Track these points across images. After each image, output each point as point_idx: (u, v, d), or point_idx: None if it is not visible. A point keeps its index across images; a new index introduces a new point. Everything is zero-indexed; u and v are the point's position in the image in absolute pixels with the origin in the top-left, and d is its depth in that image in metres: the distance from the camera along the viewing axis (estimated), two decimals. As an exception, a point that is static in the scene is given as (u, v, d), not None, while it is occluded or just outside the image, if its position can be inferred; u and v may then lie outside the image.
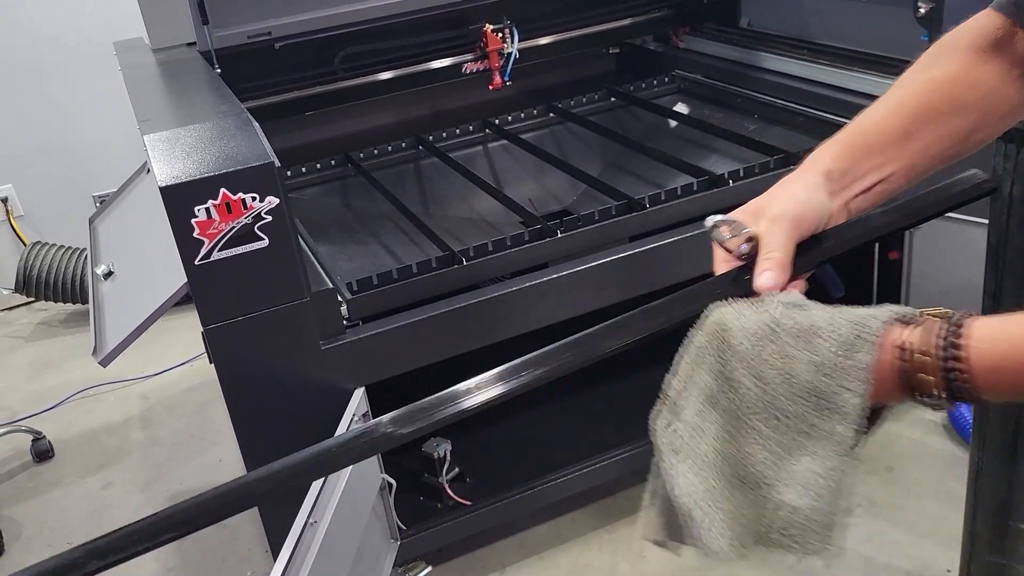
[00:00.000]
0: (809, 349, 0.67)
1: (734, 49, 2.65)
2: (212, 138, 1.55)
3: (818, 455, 0.68)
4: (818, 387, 0.67)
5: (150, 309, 1.60)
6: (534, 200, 2.51)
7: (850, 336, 0.67)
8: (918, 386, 0.66)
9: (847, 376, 0.66)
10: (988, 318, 0.65)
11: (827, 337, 0.67)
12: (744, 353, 0.69)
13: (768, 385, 0.68)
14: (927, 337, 0.66)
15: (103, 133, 3.69)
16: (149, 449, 2.77)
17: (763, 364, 0.68)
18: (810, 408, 0.67)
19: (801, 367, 0.67)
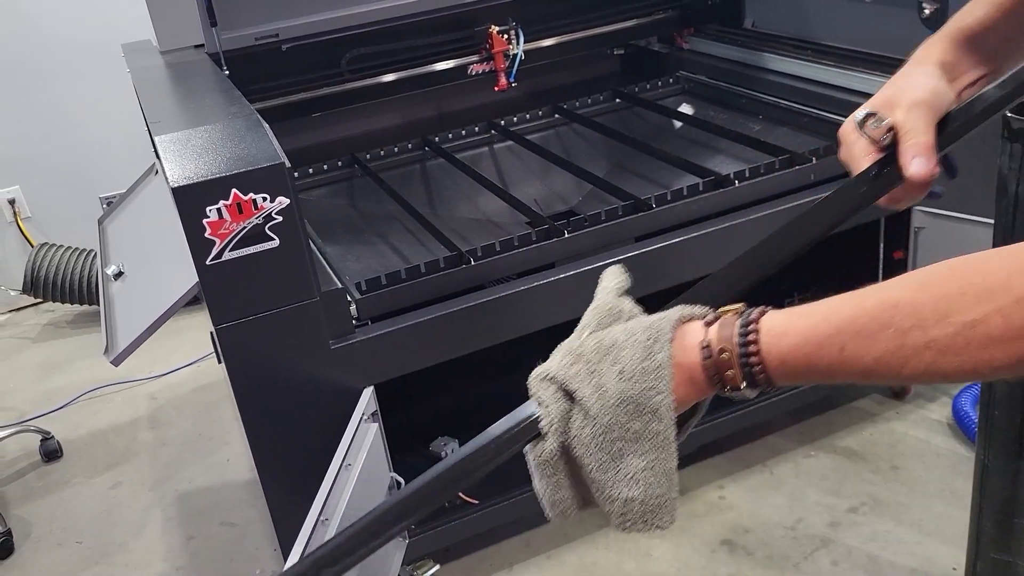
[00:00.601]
0: (613, 362, 0.72)
1: (738, 50, 2.66)
2: (223, 139, 1.56)
3: (643, 453, 0.72)
4: (629, 394, 0.71)
5: (161, 309, 1.61)
6: (540, 201, 2.52)
7: (646, 342, 0.72)
8: (724, 380, 0.71)
9: (651, 378, 0.71)
10: (778, 313, 0.72)
11: (627, 347, 0.72)
12: (561, 379, 0.74)
13: (585, 402, 0.72)
14: (725, 334, 0.71)
15: (109, 135, 3.71)
16: (157, 449, 2.79)
17: (579, 386, 0.73)
18: (626, 415, 0.71)
19: (610, 380, 0.72)
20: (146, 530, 2.43)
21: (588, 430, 0.72)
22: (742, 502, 2.20)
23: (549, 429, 0.74)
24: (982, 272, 0.63)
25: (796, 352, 0.69)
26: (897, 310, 0.64)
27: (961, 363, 0.62)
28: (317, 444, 1.70)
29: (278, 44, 2.29)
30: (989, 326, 0.60)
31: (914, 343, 0.63)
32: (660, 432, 0.72)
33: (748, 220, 1.96)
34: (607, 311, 0.78)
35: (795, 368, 0.70)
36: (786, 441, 2.37)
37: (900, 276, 0.67)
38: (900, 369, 0.65)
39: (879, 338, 0.64)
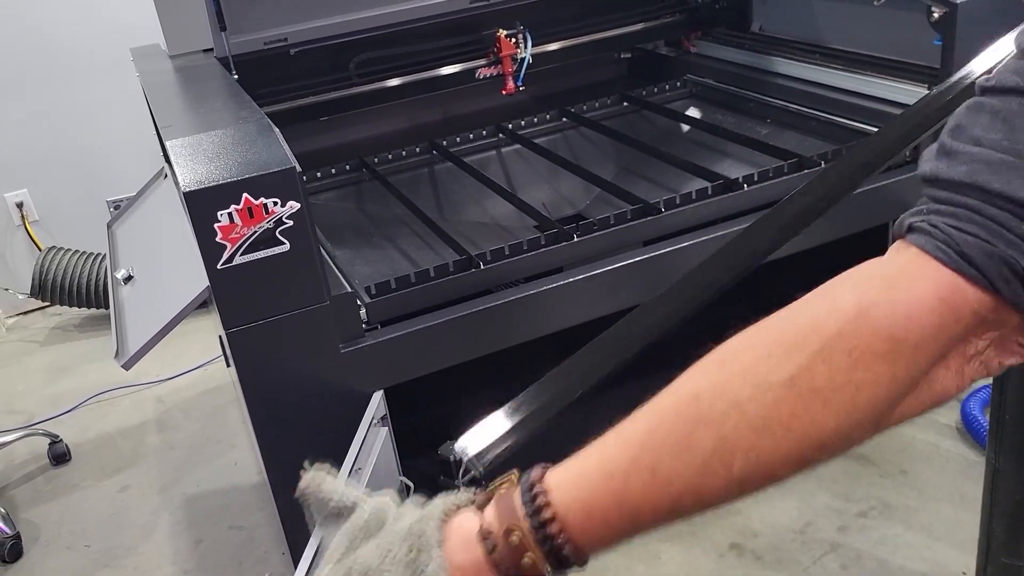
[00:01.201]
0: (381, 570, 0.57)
1: (746, 53, 2.66)
2: (234, 144, 1.56)
3: None
4: None
5: (172, 313, 1.62)
6: (548, 204, 2.52)
7: (408, 556, 0.57)
8: (521, 569, 0.56)
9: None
10: (563, 464, 0.59)
11: (386, 572, 0.57)
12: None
13: None
14: (506, 509, 0.57)
15: (117, 138, 3.72)
16: (165, 452, 2.79)
17: None
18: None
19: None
20: (154, 534, 2.44)
21: None
22: (751, 506, 2.20)
23: None
24: (781, 327, 0.54)
25: (601, 497, 0.55)
26: (702, 401, 0.53)
27: (800, 437, 0.52)
28: (326, 448, 1.69)
29: (287, 48, 2.30)
30: (813, 376, 0.51)
31: (734, 428, 0.52)
32: None
33: (757, 224, 1.96)
34: (359, 527, 0.61)
35: (605, 521, 0.55)
36: (794, 445, 2.37)
37: (687, 370, 0.57)
38: (730, 469, 0.52)
39: (694, 439, 0.53)
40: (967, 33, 1.97)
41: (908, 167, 2.09)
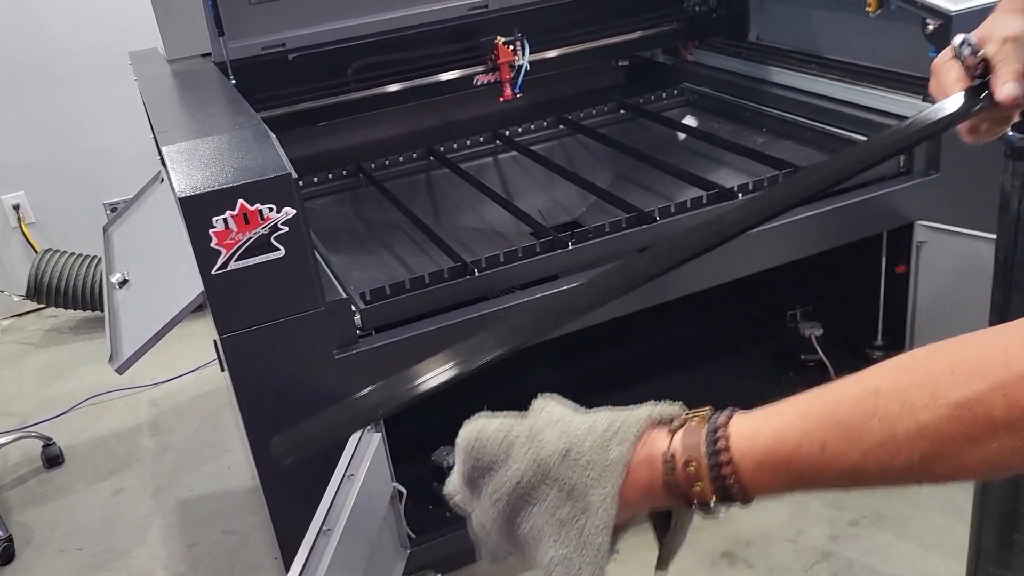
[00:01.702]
0: (563, 436, 0.67)
1: (743, 63, 2.67)
2: (230, 149, 1.57)
3: (566, 544, 0.66)
4: (568, 478, 0.66)
5: (166, 317, 1.62)
6: (544, 211, 2.53)
7: (604, 433, 0.66)
8: (690, 496, 0.64)
9: (597, 472, 0.65)
10: (746, 414, 0.65)
11: (582, 431, 0.67)
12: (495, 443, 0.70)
13: (522, 471, 0.67)
14: (691, 442, 0.64)
15: (114, 141, 3.72)
16: (159, 456, 2.79)
17: (515, 453, 0.68)
18: (562, 497, 0.66)
19: (553, 457, 0.66)
20: (147, 537, 2.43)
21: (519, 500, 0.67)
22: (744, 514, 2.20)
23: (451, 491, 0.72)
24: (971, 349, 0.57)
25: (773, 456, 0.61)
26: (880, 397, 0.57)
27: (965, 457, 0.55)
28: (320, 453, 1.70)
29: (285, 53, 2.31)
30: (990, 407, 0.53)
31: (906, 430, 0.56)
32: (585, 531, 0.65)
33: (752, 233, 1.97)
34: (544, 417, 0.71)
35: (773, 475, 0.62)
36: (788, 453, 2.37)
37: (875, 365, 0.60)
38: (892, 462, 0.57)
39: (865, 429, 0.57)
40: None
41: (901, 178, 2.10)
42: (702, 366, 2.45)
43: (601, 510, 0.65)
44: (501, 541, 0.71)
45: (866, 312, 2.34)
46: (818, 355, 2.32)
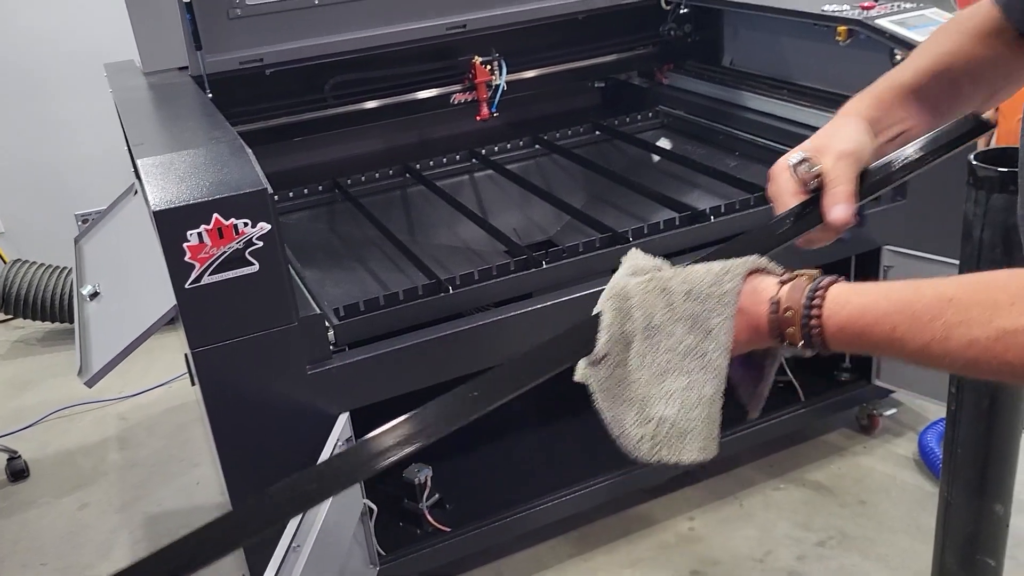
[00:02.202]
0: (685, 282, 0.81)
1: (717, 87, 2.71)
2: (206, 164, 1.57)
3: (687, 372, 0.79)
4: (692, 311, 0.80)
5: (137, 331, 1.61)
6: (519, 230, 2.54)
7: (719, 272, 0.80)
8: (784, 335, 0.79)
9: (715, 301, 0.79)
10: (845, 284, 0.78)
11: (700, 272, 0.81)
12: (637, 296, 0.82)
13: (653, 314, 0.81)
14: (794, 295, 0.78)
15: (87, 152, 3.70)
16: (126, 470, 2.76)
17: (648, 298, 0.81)
18: (683, 328, 0.80)
19: (678, 297, 0.80)
20: (113, 553, 2.40)
21: (646, 347, 0.80)
22: (712, 533, 2.22)
23: (603, 334, 0.81)
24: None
25: (853, 323, 0.75)
26: (950, 304, 0.70)
27: (998, 365, 0.67)
28: (291, 469, 1.69)
29: (262, 69, 2.31)
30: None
31: (959, 339, 0.69)
32: (708, 353, 0.79)
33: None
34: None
35: (849, 337, 0.76)
36: (756, 473, 2.39)
37: (964, 275, 0.73)
38: (941, 359, 0.70)
39: (929, 327, 0.70)
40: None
41: (868, 204, 2.14)
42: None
43: (721, 332, 0.79)
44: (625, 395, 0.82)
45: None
46: (787, 376, 2.35)
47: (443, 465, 2.12)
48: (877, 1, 2.23)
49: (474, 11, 2.47)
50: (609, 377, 0.82)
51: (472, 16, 2.47)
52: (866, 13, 2.15)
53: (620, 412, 0.82)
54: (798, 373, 2.34)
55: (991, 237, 1.35)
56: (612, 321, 0.82)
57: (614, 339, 0.82)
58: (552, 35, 2.71)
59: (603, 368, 0.82)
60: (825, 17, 2.22)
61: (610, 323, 0.82)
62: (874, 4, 2.20)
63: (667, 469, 2.20)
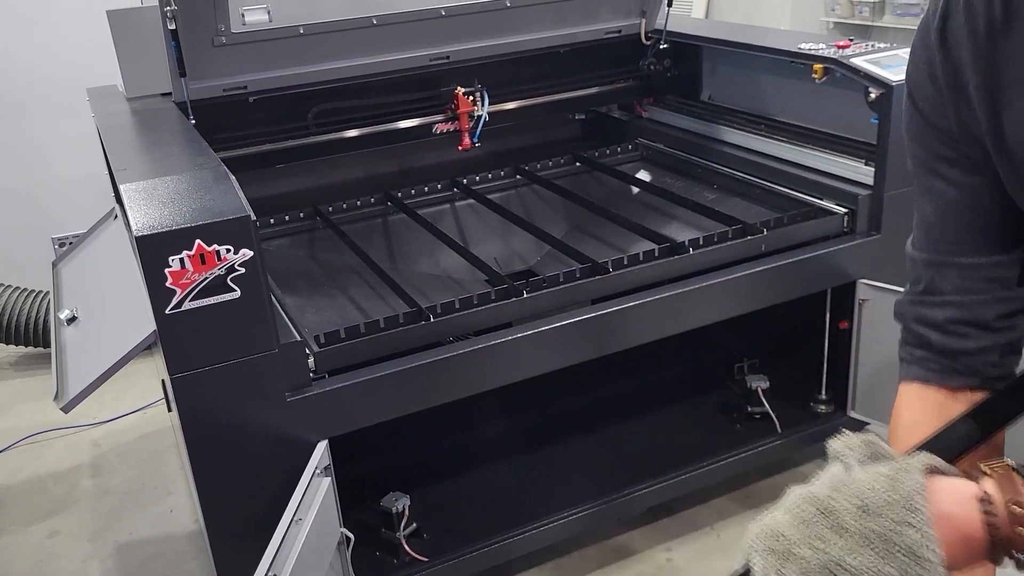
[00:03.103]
0: (854, 495, 0.64)
1: (695, 121, 2.76)
2: (189, 190, 1.57)
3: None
4: (876, 530, 0.62)
5: (115, 357, 1.60)
6: (499, 259, 2.56)
7: (890, 473, 0.65)
8: (1015, 543, 0.62)
9: (900, 509, 0.63)
10: None
11: (866, 481, 0.65)
12: (791, 530, 0.66)
13: (827, 548, 0.64)
14: (1008, 486, 0.63)
15: (65, 175, 3.68)
16: (99, 498, 2.72)
17: (810, 530, 0.65)
18: (876, 557, 0.62)
19: (850, 517, 0.63)
20: (83, 582, 2.36)
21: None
22: (690, 565, 2.22)
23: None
24: None
25: None
26: None
27: None
28: (268, 497, 1.68)
29: (246, 96, 2.32)
30: None
31: None
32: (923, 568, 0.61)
33: (701, 287, 2.02)
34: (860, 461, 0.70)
35: None
36: (733, 504, 2.40)
37: None
38: None
39: None
40: (901, 112, 2.07)
41: (844, 238, 2.18)
42: (650, 416, 2.48)
43: (926, 548, 0.61)
44: None
45: (811, 366, 2.40)
46: (764, 407, 2.36)
47: (421, 494, 2.11)
48: (852, 40, 2.28)
49: (457, 43, 2.50)
50: None
51: (455, 48, 2.50)
52: (841, 52, 2.20)
53: None
54: (775, 404, 2.36)
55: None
56: (766, 568, 0.65)
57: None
58: (534, 67, 2.75)
59: None
60: (801, 55, 2.27)
61: (764, 571, 0.66)
62: (849, 43, 2.25)
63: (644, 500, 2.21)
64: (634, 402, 2.54)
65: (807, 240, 2.15)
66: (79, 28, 3.49)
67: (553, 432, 2.40)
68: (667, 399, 2.54)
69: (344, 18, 2.32)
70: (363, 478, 2.21)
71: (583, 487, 2.18)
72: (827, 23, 5.22)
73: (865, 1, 5.05)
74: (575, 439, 2.38)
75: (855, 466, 0.70)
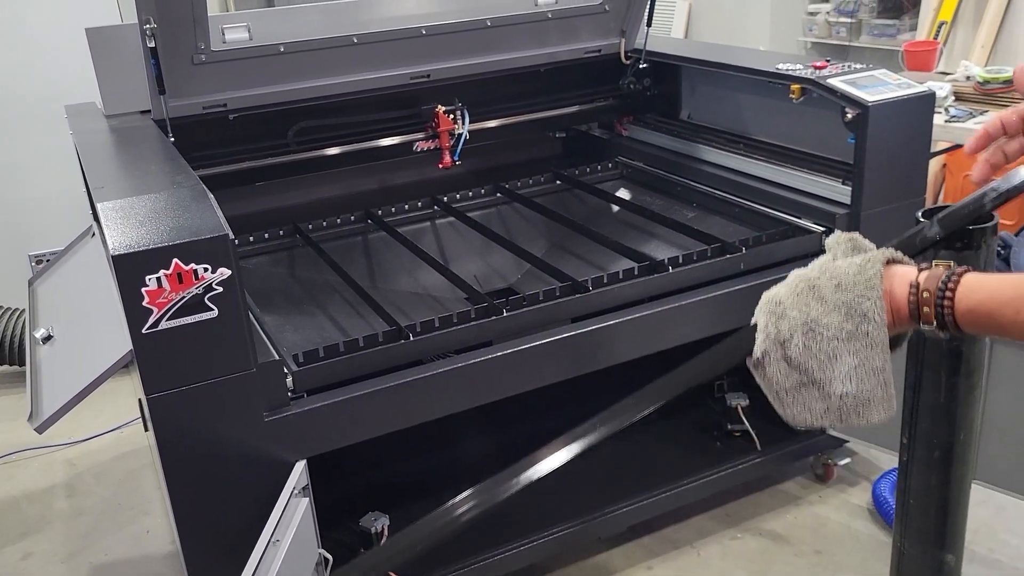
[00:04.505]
0: (832, 277, 0.96)
1: (675, 140, 2.77)
2: (167, 208, 1.56)
3: (855, 352, 0.94)
4: (844, 300, 0.94)
5: (91, 377, 1.59)
6: (479, 277, 2.56)
7: (860, 263, 0.96)
8: (921, 316, 0.93)
9: (863, 287, 0.94)
10: (977, 274, 0.91)
11: (843, 267, 0.97)
12: (788, 299, 0.98)
13: (808, 311, 0.96)
14: (931, 280, 0.92)
15: (42, 192, 3.64)
16: (73, 518, 2.68)
17: (799, 299, 0.97)
18: (841, 317, 0.94)
19: (828, 291, 0.96)
20: (56, 605, 2.33)
21: (809, 339, 0.95)
22: (670, 583, 2.21)
23: (762, 341, 0.98)
24: None
25: (982, 306, 0.89)
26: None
27: None
28: (245, 518, 1.67)
29: (226, 114, 2.31)
30: None
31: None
32: (869, 332, 0.94)
33: (681, 305, 2.03)
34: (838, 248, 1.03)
35: (977, 319, 0.89)
36: (713, 523, 2.40)
37: None
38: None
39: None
40: (878, 133, 2.10)
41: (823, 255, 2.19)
42: (629, 434, 2.47)
43: (875, 313, 0.93)
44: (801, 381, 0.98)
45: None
46: (744, 425, 2.37)
47: (400, 513, 2.10)
48: (829, 61, 2.30)
49: (438, 62, 2.51)
50: (775, 372, 0.98)
51: (436, 66, 2.51)
52: (818, 72, 2.23)
53: (798, 397, 0.98)
54: (754, 422, 2.37)
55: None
56: (767, 324, 0.98)
57: (770, 340, 0.97)
58: (514, 86, 2.76)
59: (766, 366, 0.99)
60: (779, 75, 2.29)
61: (764, 326, 0.98)
62: (826, 64, 2.28)
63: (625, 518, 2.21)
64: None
65: (786, 258, 2.17)
66: (57, 44, 3.47)
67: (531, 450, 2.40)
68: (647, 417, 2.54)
69: (325, 36, 2.32)
70: (342, 497, 2.20)
71: (564, 506, 2.18)
72: (805, 43, 5.29)
73: (842, 22, 5.12)
74: (555, 457, 2.37)
75: (839, 256, 1.01)
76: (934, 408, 1.46)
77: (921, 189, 2.25)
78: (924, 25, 4.32)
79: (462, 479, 2.34)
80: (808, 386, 0.97)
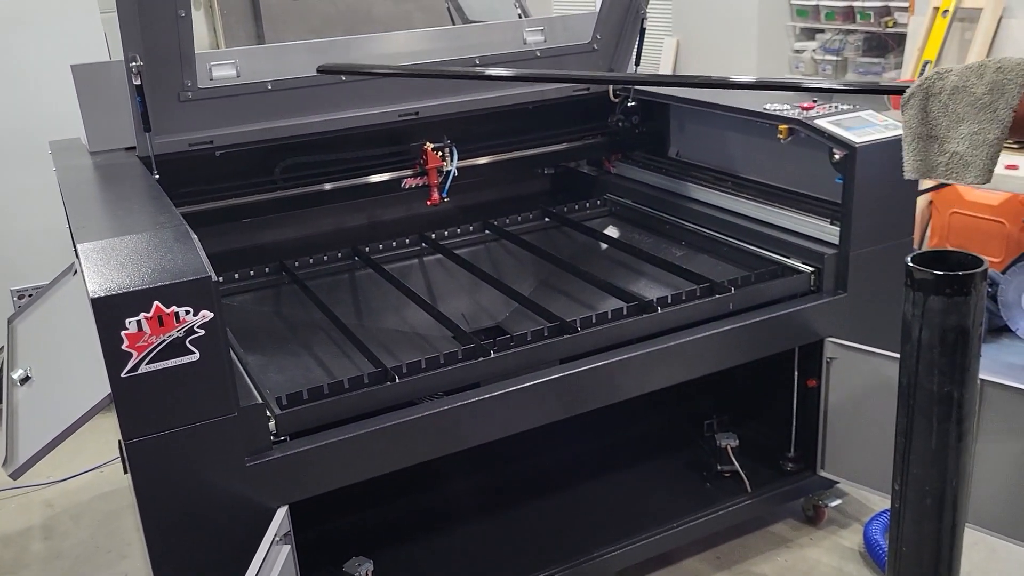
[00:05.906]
0: (998, 62, 1.21)
1: (663, 177, 2.78)
2: (149, 249, 1.54)
3: (977, 121, 1.20)
4: (996, 80, 1.21)
5: (68, 421, 1.55)
6: (467, 315, 2.54)
7: (1020, 61, 1.21)
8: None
9: (1015, 74, 1.20)
10: None
11: (1014, 60, 1.20)
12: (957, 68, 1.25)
13: (966, 80, 1.22)
14: None
15: (24, 228, 3.60)
16: (50, 561, 2.62)
17: (965, 70, 1.23)
18: (986, 91, 1.21)
19: (990, 70, 1.22)
20: (30, 652, 2.26)
21: (952, 99, 1.22)
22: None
23: (916, 85, 1.26)
24: None
25: None
26: None
27: None
28: (225, 565, 1.63)
29: (212, 150, 2.29)
30: None
31: None
32: (999, 109, 1.20)
33: (670, 345, 2.01)
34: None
35: None
36: (704, 565, 2.37)
37: None
38: None
39: None
40: (865, 173, 2.11)
41: (811, 296, 2.18)
42: (620, 474, 2.45)
43: (1013, 95, 1.19)
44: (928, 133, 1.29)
45: (780, 424, 2.39)
46: (734, 466, 2.34)
47: (384, 556, 2.06)
48: (816, 102, 2.31)
49: (426, 99, 2.51)
50: (911, 117, 1.26)
51: (424, 104, 2.51)
52: (805, 113, 2.23)
53: (923, 145, 1.27)
54: (744, 462, 2.34)
55: (929, 338, 1.38)
56: (928, 77, 1.24)
57: (922, 88, 1.25)
58: (503, 123, 2.76)
59: (908, 108, 1.25)
60: (766, 115, 2.30)
61: (925, 78, 1.24)
62: (813, 104, 2.29)
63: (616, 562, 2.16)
64: (602, 460, 2.51)
65: (774, 299, 2.16)
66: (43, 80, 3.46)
67: (521, 492, 2.37)
68: (637, 458, 2.52)
69: (312, 74, 2.32)
70: (324, 539, 2.15)
71: (551, 549, 2.14)
72: (791, 80, 5.34)
73: (828, 60, 5.17)
74: (543, 499, 2.35)
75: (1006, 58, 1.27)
76: (925, 454, 1.44)
77: (909, 230, 2.25)
78: (909, 64, 4.36)
79: (448, 521, 2.32)
80: (932, 140, 1.25)
